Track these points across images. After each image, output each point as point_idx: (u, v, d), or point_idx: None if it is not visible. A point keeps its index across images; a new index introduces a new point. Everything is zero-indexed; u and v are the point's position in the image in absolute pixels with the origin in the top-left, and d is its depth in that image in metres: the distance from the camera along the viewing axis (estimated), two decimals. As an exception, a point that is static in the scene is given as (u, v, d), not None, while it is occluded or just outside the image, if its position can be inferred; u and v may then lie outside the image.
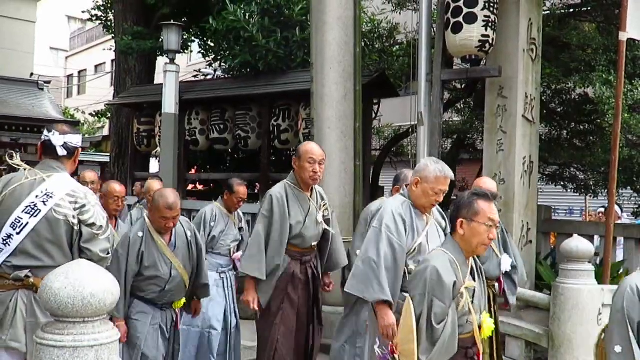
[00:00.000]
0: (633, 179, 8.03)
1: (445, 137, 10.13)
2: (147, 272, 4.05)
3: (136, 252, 4.02)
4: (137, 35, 10.91)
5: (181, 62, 10.91)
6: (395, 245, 3.49)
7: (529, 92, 6.52)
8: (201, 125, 9.64)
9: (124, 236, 4.14)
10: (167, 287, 4.11)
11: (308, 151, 4.38)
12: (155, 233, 4.11)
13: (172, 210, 4.01)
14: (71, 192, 3.23)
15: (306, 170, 4.34)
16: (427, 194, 3.57)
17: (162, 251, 4.10)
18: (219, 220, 5.64)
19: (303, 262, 4.52)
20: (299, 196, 4.43)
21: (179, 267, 4.16)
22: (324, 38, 6.59)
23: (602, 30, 8.40)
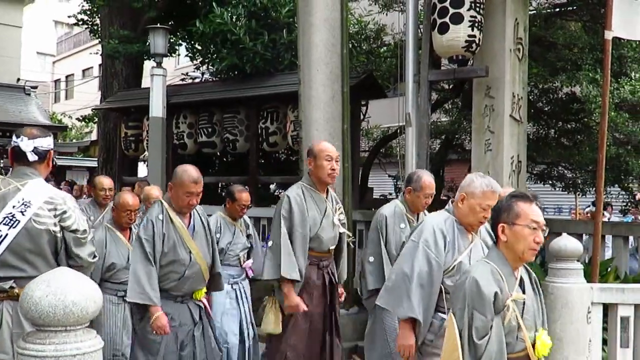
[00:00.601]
0: (620, 177, 8.08)
1: (434, 137, 10.14)
2: (166, 258, 3.90)
3: (160, 235, 3.89)
4: (124, 39, 10.86)
5: (168, 66, 10.86)
6: (432, 262, 3.30)
7: (516, 91, 6.52)
8: (189, 129, 9.60)
9: (145, 220, 3.97)
10: (187, 273, 3.95)
11: (324, 149, 4.24)
12: (174, 215, 3.95)
13: (197, 184, 3.88)
14: (49, 200, 3.12)
15: (324, 169, 4.19)
16: (475, 210, 3.34)
17: (180, 235, 3.95)
18: (225, 231, 5.43)
19: (320, 267, 4.33)
20: (316, 197, 4.28)
21: (197, 254, 4.00)
22: (310, 40, 6.58)
23: (588, 29, 8.43)
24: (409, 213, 4.53)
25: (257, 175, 9.16)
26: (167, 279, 3.92)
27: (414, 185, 4.44)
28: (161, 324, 3.80)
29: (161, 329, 3.81)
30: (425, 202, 4.45)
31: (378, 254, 4.46)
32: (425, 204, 4.46)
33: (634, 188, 8.95)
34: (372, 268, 4.47)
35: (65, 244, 3.16)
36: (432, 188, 4.45)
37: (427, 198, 4.45)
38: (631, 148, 7.68)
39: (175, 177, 3.93)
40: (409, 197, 4.50)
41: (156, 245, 3.85)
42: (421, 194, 4.43)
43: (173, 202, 3.94)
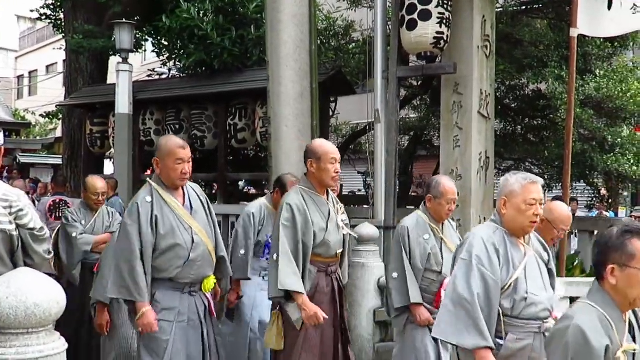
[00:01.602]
0: (586, 173, 8.20)
1: (403, 133, 10.18)
2: (165, 241, 3.51)
3: (148, 219, 3.47)
4: (89, 34, 10.66)
5: (135, 62, 10.70)
6: (488, 280, 2.93)
7: (483, 88, 6.57)
8: (156, 126, 9.48)
9: (130, 204, 3.58)
10: (192, 256, 3.56)
11: (329, 151, 3.87)
12: (166, 193, 3.58)
13: (185, 149, 3.57)
14: (3, 197, 2.92)
15: (328, 172, 3.85)
16: (521, 209, 3.02)
17: (177, 214, 3.57)
18: (267, 222, 4.92)
19: (328, 273, 4.01)
20: (317, 200, 3.93)
21: (201, 232, 3.62)
22: (279, 36, 6.53)
23: (554, 27, 8.55)
24: (433, 222, 4.22)
25: (225, 172, 9.09)
26: (171, 266, 3.54)
27: (434, 192, 4.17)
28: (147, 321, 3.44)
29: (147, 327, 3.45)
30: (448, 209, 4.17)
31: (401, 269, 4.14)
32: (448, 210, 4.18)
33: (599, 183, 9.11)
34: (396, 285, 4.17)
35: (23, 242, 3.02)
36: (453, 193, 4.18)
37: (450, 204, 4.17)
38: (596, 144, 7.81)
39: (160, 148, 3.63)
40: (430, 205, 4.21)
41: (143, 232, 3.46)
42: (443, 200, 4.14)
43: (163, 178, 3.60)
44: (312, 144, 4.03)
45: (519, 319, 2.97)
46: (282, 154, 6.44)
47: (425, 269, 4.11)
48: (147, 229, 3.46)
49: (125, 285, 3.43)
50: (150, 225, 3.47)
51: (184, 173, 3.57)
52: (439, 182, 4.18)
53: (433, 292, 4.11)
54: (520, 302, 2.95)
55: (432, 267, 4.10)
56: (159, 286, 3.54)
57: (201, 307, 3.67)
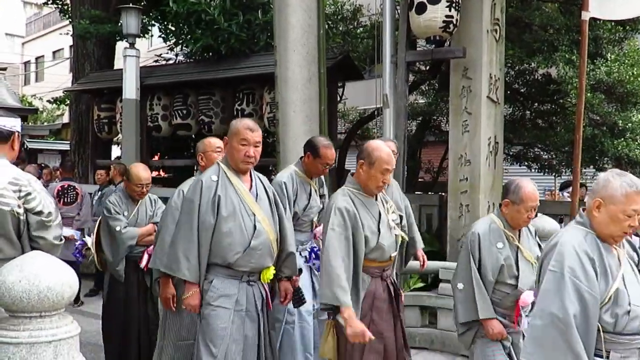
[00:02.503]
0: (595, 158, 8.15)
1: (411, 119, 10.13)
2: (226, 224, 3.33)
3: (211, 199, 3.32)
4: (95, 19, 10.63)
5: (142, 47, 10.67)
6: (585, 295, 2.61)
7: (493, 72, 6.52)
8: (163, 111, 9.48)
9: (195, 181, 3.44)
10: (253, 243, 3.39)
11: (384, 160, 3.54)
12: (233, 176, 3.43)
13: (253, 132, 3.39)
14: (13, 180, 2.98)
15: (376, 181, 3.57)
16: (617, 218, 2.66)
17: (242, 197, 3.40)
18: (301, 192, 4.62)
19: (384, 277, 3.72)
20: (366, 202, 3.63)
21: (264, 221, 3.44)
22: (287, 20, 6.48)
23: (564, 11, 8.46)
24: (508, 229, 3.80)
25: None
26: (230, 251, 3.37)
27: (513, 197, 3.73)
28: (193, 302, 3.36)
29: (191, 308, 3.39)
30: (527, 217, 3.75)
31: (469, 280, 3.76)
32: (528, 218, 3.76)
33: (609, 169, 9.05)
34: (462, 297, 3.80)
35: (28, 226, 3.04)
36: (535, 199, 3.74)
37: (530, 212, 3.74)
38: (606, 129, 7.75)
39: (230, 128, 3.48)
40: (506, 210, 3.78)
41: (202, 212, 3.32)
42: (522, 207, 3.70)
43: (229, 159, 3.46)
44: (369, 145, 3.65)
45: (622, 335, 2.65)
46: (289, 139, 6.42)
47: (497, 281, 3.72)
48: (207, 209, 3.33)
49: (177, 261, 3.33)
50: (212, 206, 3.33)
51: (248, 156, 3.40)
52: (520, 186, 3.72)
53: (507, 307, 3.73)
54: (623, 316, 2.64)
55: (505, 279, 3.71)
56: (217, 272, 3.41)
57: (259, 299, 3.51)
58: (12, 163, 3.15)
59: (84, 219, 8.34)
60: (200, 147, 4.35)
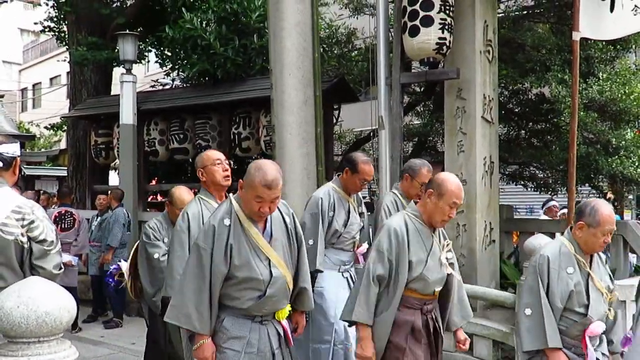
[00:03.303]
0: (590, 176, 8.18)
1: (406, 140, 10.18)
2: (240, 273, 3.12)
3: (223, 247, 3.11)
4: (92, 46, 10.72)
5: (138, 73, 10.75)
6: None
7: (486, 93, 6.58)
8: (160, 136, 9.52)
9: (207, 225, 3.20)
10: (268, 292, 3.17)
11: (455, 194, 3.40)
12: (246, 220, 3.18)
13: (271, 189, 3.08)
14: (17, 208, 2.99)
15: (443, 214, 3.44)
16: None
17: (255, 243, 3.18)
18: (339, 208, 4.48)
19: (424, 311, 3.56)
20: (422, 231, 3.50)
21: (280, 265, 3.23)
22: (282, 44, 6.55)
23: (556, 31, 8.56)
24: (580, 254, 3.56)
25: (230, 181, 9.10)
26: (243, 297, 3.17)
27: (589, 220, 3.48)
28: (204, 355, 3.14)
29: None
30: (604, 241, 3.52)
31: (537, 306, 3.49)
32: (603, 243, 3.53)
33: (603, 187, 9.09)
34: (528, 323, 3.52)
35: (30, 254, 3.04)
36: (612, 222, 3.53)
37: (606, 236, 3.51)
38: (600, 147, 7.80)
39: (248, 174, 3.18)
40: (580, 233, 3.52)
41: (215, 262, 3.11)
42: (599, 230, 3.46)
43: (243, 204, 3.20)
44: (440, 177, 3.52)
45: None
46: (286, 162, 6.45)
47: (565, 308, 3.49)
48: (220, 258, 3.10)
49: (187, 313, 3.10)
50: (224, 255, 3.11)
51: (262, 213, 3.15)
52: (596, 208, 3.50)
53: (573, 336, 3.51)
54: None
55: (574, 307, 3.48)
56: (228, 313, 3.20)
57: (274, 337, 3.30)
58: None
59: (82, 245, 8.35)
60: (199, 162, 4.16)
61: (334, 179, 4.73)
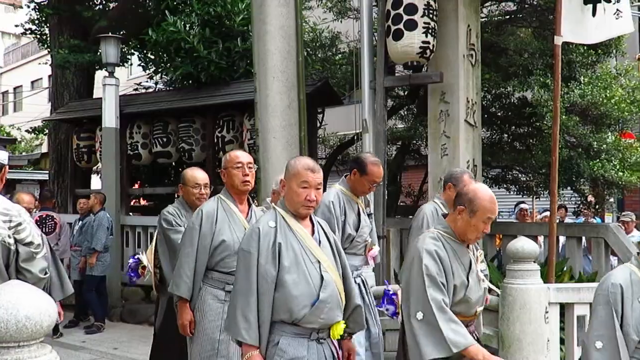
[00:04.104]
0: (572, 179, 8.25)
1: (390, 143, 10.21)
2: (289, 274, 2.92)
3: (270, 247, 2.94)
4: (74, 49, 10.65)
5: (121, 76, 10.69)
6: None
7: (470, 96, 6.62)
8: (143, 139, 9.47)
9: (251, 229, 3.06)
10: (322, 296, 2.94)
11: (488, 209, 3.17)
12: (292, 220, 3.03)
13: (315, 172, 3.02)
14: (4, 211, 2.99)
15: (477, 230, 3.23)
16: None
17: (304, 244, 3.00)
18: (349, 211, 4.32)
19: None
20: (458, 250, 3.27)
21: (330, 269, 3.02)
22: (266, 48, 6.55)
23: (538, 35, 8.63)
24: None
25: (214, 185, 9.07)
26: (297, 305, 2.92)
27: None
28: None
29: None
30: None
31: (611, 338, 3.16)
32: None
33: (585, 190, 9.17)
34: (600, 357, 3.18)
35: (17, 257, 3.04)
36: None
37: None
38: (582, 150, 7.86)
39: (288, 169, 3.12)
40: None
41: (261, 264, 2.92)
42: None
43: (287, 202, 3.07)
44: (470, 191, 3.27)
45: None
46: (270, 166, 6.45)
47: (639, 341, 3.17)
48: (267, 258, 2.93)
49: (235, 322, 2.94)
50: (272, 255, 2.94)
51: (310, 201, 3.00)
52: None
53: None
54: None
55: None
56: (283, 331, 2.97)
57: (330, 358, 3.09)
58: None
59: (63, 250, 8.27)
60: (223, 162, 4.05)
61: (341, 180, 4.57)
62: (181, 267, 3.88)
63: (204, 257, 3.87)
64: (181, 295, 3.87)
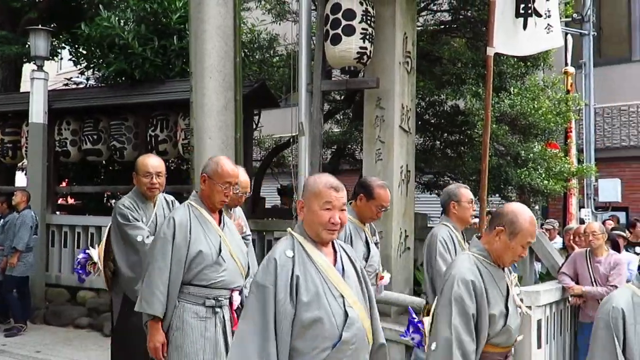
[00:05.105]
0: (501, 186, 8.49)
1: (326, 147, 10.26)
2: (309, 312, 2.53)
3: (288, 280, 2.55)
4: (1, 40, 10.25)
5: (50, 70, 10.33)
6: None
7: (405, 103, 6.72)
8: (72, 136, 9.19)
9: (267, 260, 2.63)
10: (344, 336, 2.56)
11: (530, 233, 2.96)
12: (312, 248, 2.66)
13: (338, 191, 2.67)
14: None
15: (515, 253, 3.01)
16: None
17: (326, 275, 2.62)
18: (356, 240, 4.06)
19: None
20: (495, 275, 3.01)
21: (355, 304, 2.63)
22: (203, 47, 6.47)
23: (471, 46, 8.86)
24: None
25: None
26: (315, 348, 2.55)
27: None
28: None
29: None
30: None
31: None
32: None
33: (512, 197, 9.45)
34: None
35: None
36: None
37: None
38: (510, 159, 8.11)
39: (307, 187, 2.72)
40: None
41: (280, 297, 2.53)
42: None
43: (307, 226, 2.68)
44: (511, 211, 3.02)
45: None
46: (205, 166, 6.36)
47: None
48: (285, 294, 2.54)
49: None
50: (290, 290, 2.55)
51: (333, 223, 2.64)
52: None
53: None
54: None
55: None
56: None
57: None
58: None
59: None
60: (210, 170, 3.65)
61: None
62: (152, 282, 3.49)
63: (179, 271, 3.51)
64: (154, 314, 3.48)
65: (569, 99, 8.98)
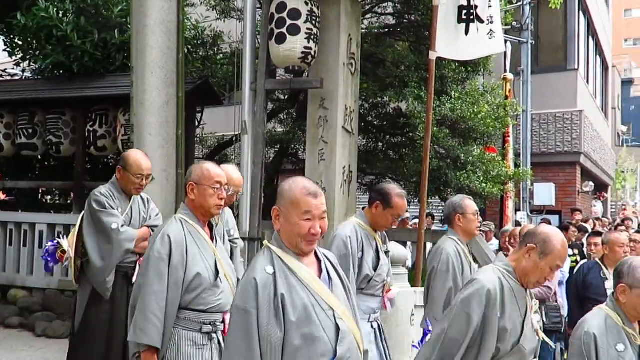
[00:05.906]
0: (440, 188, 8.66)
1: (269, 146, 10.24)
2: (299, 331, 2.35)
3: (271, 301, 2.35)
4: None
5: (-17, 60, 9.96)
6: None
7: (348, 104, 6.77)
8: (6, 129, 8.85)
9: (244, 280, 2.43)
10: (339, 352, 2.39)
11: (561, 256, 2.88)
12: (293, 260, 2.45)
13: (317, 197, 2.45)
14: None
15: (542, 274, 2.92)
16: None
17: (312, 289, 2.43)
18: (367, 248, 3.89)
19: None
20: (517, 291, 2.93)
21: (345, 315, 2.47)
22: (145, 42, 6.35)
23: (414, 50, 9.01)
24: (628, 326, 3.04)
25: (83, 181, 8.64)
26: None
27: (630, 280, 3.01)
28: None
29: None
30: None
31: None
32: None
33: (451, 198, 9.65)
34: None
35: None
36: None
37: None
38: (450, 162, 8.28)
39: (282, 194, 2.49)
40: (623, 299, 3.03)
41: (263, 321, 2.32)
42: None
43: (284, 238, 2.47)
44: (545, 232, 2.94)
45: None
46: (145, 163, 6.24)
47: None
48: (270, 317, 2.33)
49: None
50: (275, 311, 2.34)
51: (314, 234, 2.43)
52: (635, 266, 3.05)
53: None
54: None
55: None
56: None
57: None
58: None
59: None
60: (195, 175, 3.33)
61: (359, 213, 4.16)
62: (147, 307, 3.07)
63: (176, 295, 3.13)
64: (151, 344, 3.07)
65: (508, 105, 9.24)
